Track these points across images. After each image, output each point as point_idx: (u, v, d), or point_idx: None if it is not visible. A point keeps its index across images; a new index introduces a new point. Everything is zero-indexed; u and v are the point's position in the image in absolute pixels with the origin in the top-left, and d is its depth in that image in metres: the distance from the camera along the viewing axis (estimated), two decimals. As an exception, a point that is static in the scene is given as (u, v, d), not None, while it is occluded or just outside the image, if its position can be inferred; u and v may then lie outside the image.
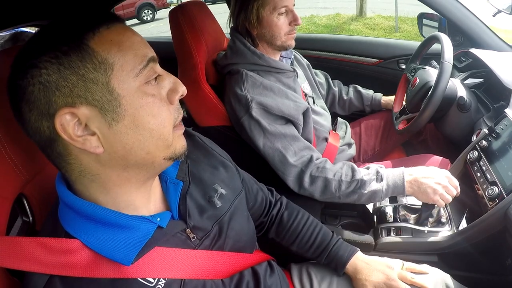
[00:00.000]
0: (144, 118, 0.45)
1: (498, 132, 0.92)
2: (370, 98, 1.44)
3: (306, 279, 0.83)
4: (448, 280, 0.80)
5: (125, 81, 0.44)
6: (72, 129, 0.42)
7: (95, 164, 0.46)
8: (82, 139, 0.43)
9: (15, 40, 1.93)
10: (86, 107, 0.43)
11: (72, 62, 0.41)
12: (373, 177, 0.98)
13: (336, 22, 7.30)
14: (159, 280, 0.50)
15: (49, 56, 0.41)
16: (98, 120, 0.43)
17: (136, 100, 0.44)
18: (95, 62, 0.42)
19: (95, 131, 0.44)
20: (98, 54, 0.42)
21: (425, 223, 0.98)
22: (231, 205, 0.65)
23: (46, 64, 0.41)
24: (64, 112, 0.42)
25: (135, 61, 0.45)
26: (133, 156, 0.46)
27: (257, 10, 1.02)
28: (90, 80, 0.42)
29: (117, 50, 0.43)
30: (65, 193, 0.47)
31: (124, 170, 0.47)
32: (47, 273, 0.45)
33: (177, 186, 0.57)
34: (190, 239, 0.56)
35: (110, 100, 0.43)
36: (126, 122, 0.44)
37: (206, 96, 1.10)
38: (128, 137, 0.45)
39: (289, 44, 1.08)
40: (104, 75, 0.43)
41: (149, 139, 0.46)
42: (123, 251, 0.46)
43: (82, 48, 0.42)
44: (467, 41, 1.33)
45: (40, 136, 0.44)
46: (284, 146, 1.02)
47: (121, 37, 0.45)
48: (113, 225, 0.47)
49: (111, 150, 0.45)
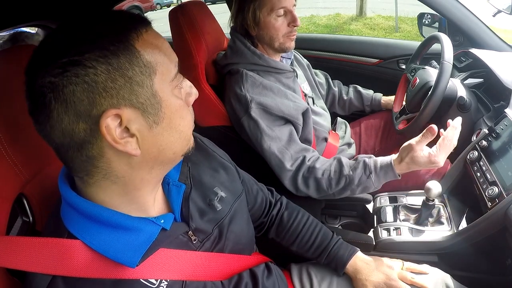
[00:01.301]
0: (176, 120, 0.47)
1: (498, 132, 0.92)
2: (370, 98, 1.44)
3: (306, 279, 0.83)
4: (448, 280, 0.80)
5: (165, 85, 0.45)
6: (115, 131, 0.41)
7: (125, 166, 0.45)
8: (124, 141, 0.43)
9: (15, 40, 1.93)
10: (130, 109, 0.42)
11: (121, 63, 0.40)
12: (361, 171, 0.96)
13: (336, 22, 7.30)
14: (161, 281, 0.50)
15: (97, 55, 0.39)
16: (139, 123, 0.43)
17: (172, 104, 0.46)
18: (141, 65, 0.42)
19: (135, 133, 0.43)
20: (144, 57, 0.42)
21: (425, 223, 0.98)
22: (231, 208, 0.65)
23: (93, 63, 0.39)
24: (110, 113, 0.40)
25: (171, 66, 0.46)
26: (162, 156, 0.48)
27: (254, 12, 1.01)
28: (136, 82, 0.42)
29: (159, 54, 0.44)
30: (68, 194, 0.47)
31: (149, 172, 0.48)
32: (49, 274, 0.45)
33: (179, 188, 0.57)
34: (192, 241, 0.57)
35: (153, 103, 0.43)
36: (164, 125, 0.45)
37: (206, 96, 1.10)
38: (163, 139, 0.46)
39: (287, 46, 1.07)
40: (149, 78, 0.43)
41: (178, 140, 0.48)
42: (128, 254, 0.46)
43: (129, 49, 0.41)
44: (467, 41, 1.33)
45: (71, 138, 0.42)
46: (280, 150, 1.01)
47: (158, 41, 0.45)
48: (118, 227, 0.47)
49: (147, 151, 0.45)
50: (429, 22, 1.56)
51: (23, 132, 0.54)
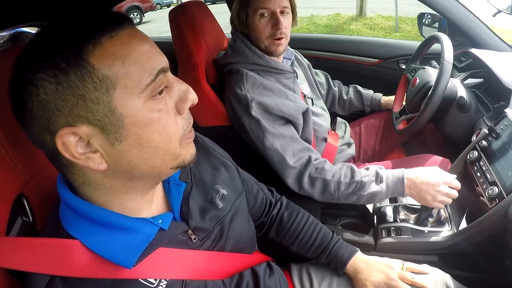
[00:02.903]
0: (149, 136, 0.42)
1: (498, 132, 0.92)
2: (370, 98, 1.45)
3: (306, 279, 0.83)
4: (448, 280, 0.80)
5: (128, 99, 0.40)
6: (74, 147, 0.40)
7: (99, 176, 0.45)
8: (85, 157, 0.41)
9: (15, 40, 1.93)
10: (88, 126, 0.40)
11: (71, 81, 0.38)
12: (373, 178, 0.98)
13: (336, 22, 7.30)
14: (161, 280, 0.50)
15: (46, 74, 0.38)
16: (101, 139, 0.41)
17: (141, 119, 0.41)
18: (95, 80, 0.39)
19: (98, 149, 0.42)
20: (99, 71, 0.39)
21: (425, 223, 0.98)
22: (233, 206, 0.65)
23: (43, 83, 0.38)
24: (64, 133, 0.39)
25: (141, 76, 0.41)
26: (138, 170, 0.45)
27: (242, 11, 1.02)
28: (91, 100, 0.39)
29: (121, 65, 0.40)
30: (67, 195, 0.47)
31: (129, 181, 0.47)
32: (48, 274, 0.45)
33: (179, 187, 0.57)
34: (192, 240, 0.56)
35: (112, 120, 0.40)
36: (129, 141, 0.42)
37: (206, 96, 1.10)
38: (132, 155, 0.43)
39: (273, 50, 1.05)
40: (106, 94, 0.39)
41: (154, 155, 0.44)
42: (125, 254, 0.46)
43: (81, 65, 0.38)
44: (467, 41, 1.33)
45: (43, 147, 0.43)
46: (283, 147, 1.01)
47: (126, 48, 0.40)
48: (115, 228, 0.47)
49: (115, 165, 0.43)
50: (429, 22, 1.56)
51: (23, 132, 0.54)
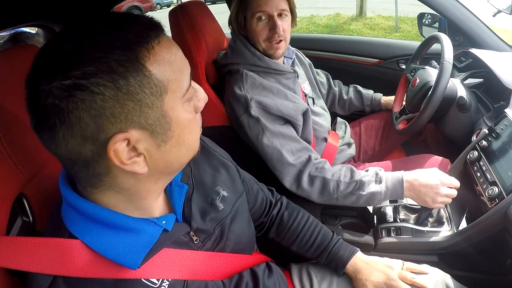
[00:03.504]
0: (185, 136, 0.45)
1: (498, 132, 0.92)
2: (370, 98, 1.45)
3: (306, 279, 0.83)
4: (448, 280, 0.80)
5: (176, 103, 0.43)
6: (122, 153, 0.40)
7: (131, 180, 0.45)
8: (131, 161, 0.41)
9: (15, 40, 1.93)
10: (138, 130, 0.40)
11: (130, 86, 0.38)
12: (372, 178, 0.98)
13: (336, 22, 7.30)
14: (163, 281, 0.50)
15: (105, 79, 0.36)
16: (148, 142, 0.42)
17: (182, 121, 0.44)
18: (152, 86, 0.39)
19: (143, 153, 0.42)
20: (155, 77, 0.39)
21: (425, 223, 0.98)
22: (233, 207, 0.65)
23: (101, 88, 0.36)
24: (118, 139, 0.39)
25: (183, 82, 0.43)
26: (169, 169, 0.47)
27: (241, 14, 1.03)
28: (146, 105, 0.39)
29: (171, 71, 0.41)
30: (69, 194, 0.47)
31: (155, 183, 0.48)
32: (50, 274, 0.44)
33: (181, 189, 0.57)
34: (193, 241, 0.57)
35: (162, 123, 0.42)
36: (172, 142, 0.44)
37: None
38: (171, 154, 0.45)
39: (271, 53, 1.05)
40: (159, 99, 0.40)
41: (186, 153, 0.47)
42: (130, 256, 0.46)
43: (139, 70, 0.38)
44: (467, 41, 1.33)
45: (77, 157, 0.40)
46: (282, 145, 1.01)
47: (171, 54, 0.42)
48: (119, 228, 0.47)
49: (154, 168, 0.44)
50: (429, 22, 1.56)
51: (23, 132, 0.54)
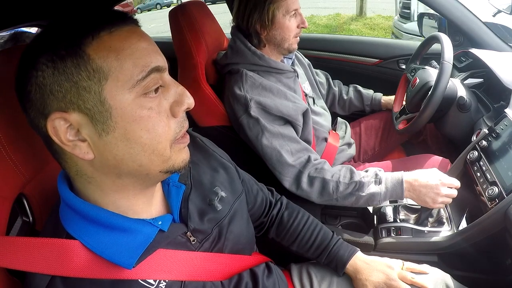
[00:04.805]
0: (136, 132, 0.43)
1: (498, 132, 0.92)
2: (370, 98, 1.44)
3: (306, 279, 0.83)
4: (448, 280, 0.80)
5: (119, 92, 0.42)
6: (63, 133, 0.42)
7: (89, 167, 0.45)
8: (73, 144, 0.43)
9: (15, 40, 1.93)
10: (78, 114, 0.42)
11: (66, 68, 0.40)
12: (372, 179, 0.98)
13: (336, 22, 7.29)
14: (160, 282, 0.50)
15: (46, 59, 0.41)
16: (89, 128, 0.43)
17: (129, 114, 0.42)
18: (89, 70, 0.41)
19: (86, 138, 0.43)
20: (94, 61, 0.41)
21: (425, 223, 0.98)
22: (231, 208, 0.65)
23: (42, 66, 0.41)
24: (56, 117, 0.42)
25: (133, 71, 0.42)
26: (125, 166, 0.45)
27: (273, 12, 1.03)
28: (83, 88, 0.41)
29: (115, 58, 0.41)
30: (67, 194, 0.47)
31: (118, 178, 0.47)
32: (48, 274, 0.45)
33: (179, 189, 0.57)
34: (191, 242, 0.57)
35: (101, 110, 0.42)
36: (116, 134, 0.43)
37: (206, 96, 1.10)
38: (118, 149, 0.44)
39: (294, 47, 1.11)
40: (97, 84, 0.41)
41: (141, 153, 0.44)
42: (125, 255, 0.46)
43: (78, 54, 0.40)
44: (467, 41, 1.33)
45: (39, 132, 0.45)
46: (282, 145, 1.01)
47: (123, 43, 0.42)
48: (115, 228, 0.47)
49: (102, 158, 0.44)
50: (429, 22, 1.56)
51: (23, 132, 0.54)
